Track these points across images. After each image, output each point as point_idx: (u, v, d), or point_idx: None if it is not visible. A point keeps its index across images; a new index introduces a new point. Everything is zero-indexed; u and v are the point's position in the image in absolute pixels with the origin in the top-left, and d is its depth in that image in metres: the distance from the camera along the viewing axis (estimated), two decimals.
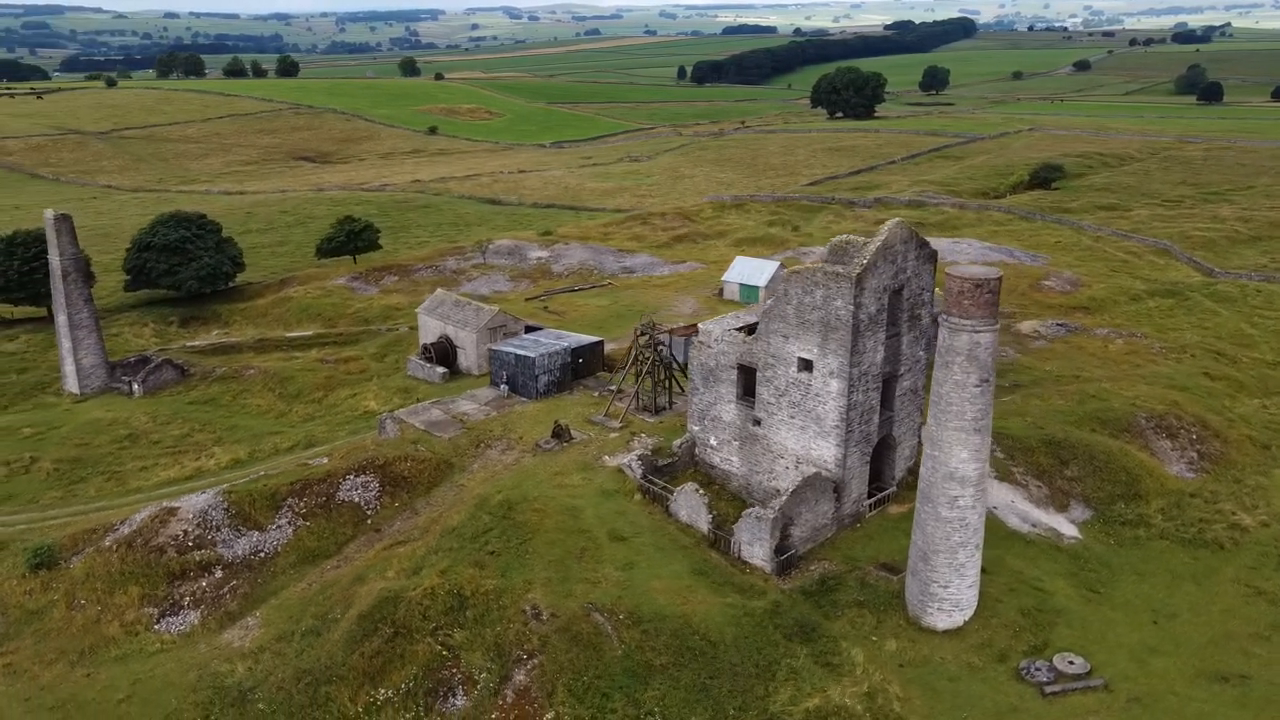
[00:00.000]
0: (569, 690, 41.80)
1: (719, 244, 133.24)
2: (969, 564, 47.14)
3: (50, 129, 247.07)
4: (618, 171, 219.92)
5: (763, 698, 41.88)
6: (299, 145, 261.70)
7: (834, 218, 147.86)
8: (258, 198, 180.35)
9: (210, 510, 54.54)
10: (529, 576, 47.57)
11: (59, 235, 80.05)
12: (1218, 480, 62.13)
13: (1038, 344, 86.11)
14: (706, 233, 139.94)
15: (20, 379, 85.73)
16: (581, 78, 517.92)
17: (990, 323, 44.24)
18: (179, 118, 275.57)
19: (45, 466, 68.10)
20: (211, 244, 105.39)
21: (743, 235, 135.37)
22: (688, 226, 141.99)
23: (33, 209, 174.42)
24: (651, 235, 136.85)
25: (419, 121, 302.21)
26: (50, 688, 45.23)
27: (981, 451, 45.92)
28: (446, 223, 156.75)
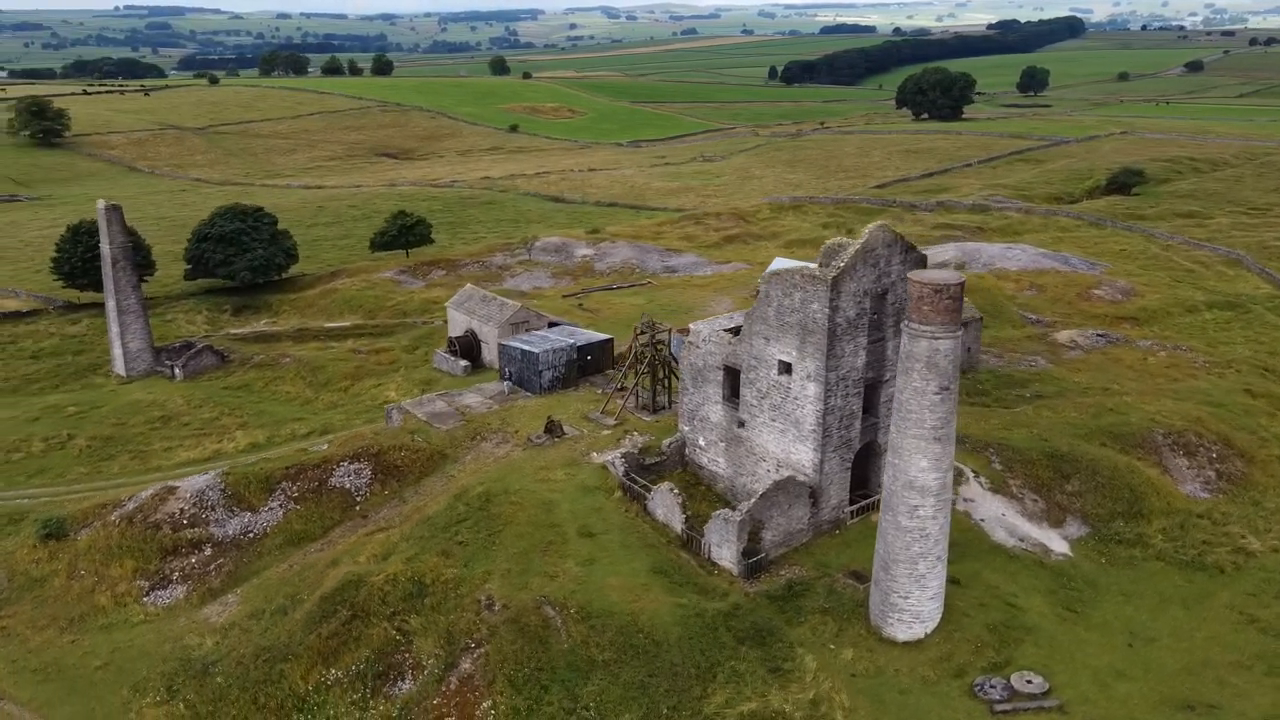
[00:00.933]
0: (509, 680, 42.47)
1: (770, 245, 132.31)
2: (930, 575, 46.18)
3: (152, 124, 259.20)
4: (688, 171, 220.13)
5: (699, 699, 41.86)
6: (383, 142, 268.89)
7: (892, 220, 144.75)
8: (333, 192, 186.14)
9: (208, 490, 56.96)
10: (490, 567, 48.42)
11: (109, 224, 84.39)
12: (1233, 501, 59.39)
13: (1072, 354, 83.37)
14: (760, 234, 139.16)
15: (75, 360, 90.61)
16: (670, 77, 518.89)
17: (951, 329, 43.29)
18: (272, 114, 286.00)
19: (80, 444, 71.88)
20: (266, 236, 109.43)
21: (795, 237, 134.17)
22: (741, 227, 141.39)
23: (127, 200, 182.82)
24: (703, 235, 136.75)
25: (501, 119, 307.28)
26: (37, 651, 47.97)
27: (942, 461, 44.94)
28: (507, 219, 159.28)
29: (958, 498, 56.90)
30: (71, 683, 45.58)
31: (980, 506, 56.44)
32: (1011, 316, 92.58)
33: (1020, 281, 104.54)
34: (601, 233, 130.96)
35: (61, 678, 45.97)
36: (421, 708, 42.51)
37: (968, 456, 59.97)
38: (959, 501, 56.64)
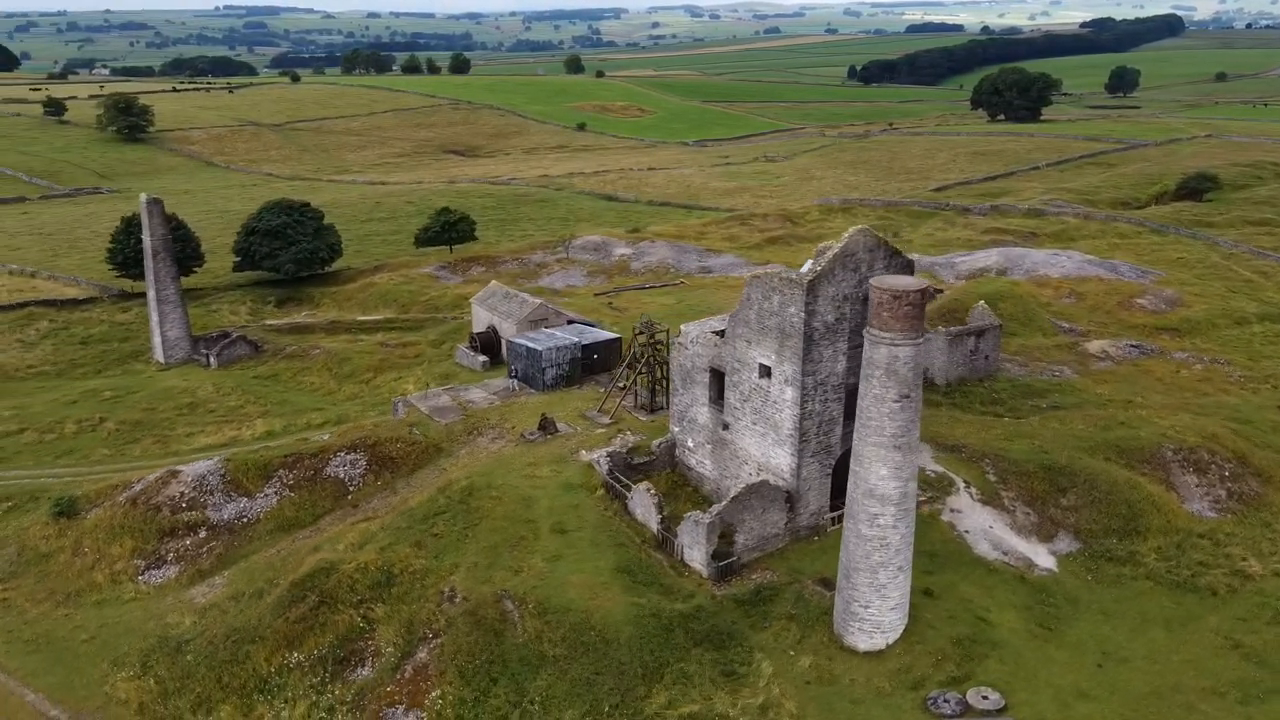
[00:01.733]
0: (459, 671, 43.31)
1: (813, 247, 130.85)
2: (891, 585, 45.58)
3: (232, 121, 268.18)
4: (748, 171, 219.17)
5: (642, 698, 42.12)
6: (451, 139, 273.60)
7: (943, 224, 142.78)
8: (394, 188, 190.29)
9: (209, 475, 59.16)
10: (458, 560, 49.36)
11: (150, 217, 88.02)
12: (1242, 522, 57.14)
13: (1101, 365, 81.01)
14: (805, 235, 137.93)
15: (120, 347, 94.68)
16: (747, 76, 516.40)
17: (911, 336, 42.68)
18: (347, 111, 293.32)
19: (110, 427, 75.18)
20: (310, 230, 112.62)
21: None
22: (787, 229, 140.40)
23: (199, 193, 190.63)
24: (746, 236, 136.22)
25: (570, 118, 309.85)
26: (32, 623, 50.53)
27: (903, 470, 44.32)
28: (557, 217, 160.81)
29: (944, 508, 56.02)
30: (58, 654, 47.90)
31: (967, 518, 55.39)
32: (1043, 324, 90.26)
33: (1060, 289, 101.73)
34: (641, 232, 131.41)
35: (50, 649, 48.34)
36: (375, 694, 43.63)
37: (962, 466, 58.96)
38: (945, 512, 55.73)
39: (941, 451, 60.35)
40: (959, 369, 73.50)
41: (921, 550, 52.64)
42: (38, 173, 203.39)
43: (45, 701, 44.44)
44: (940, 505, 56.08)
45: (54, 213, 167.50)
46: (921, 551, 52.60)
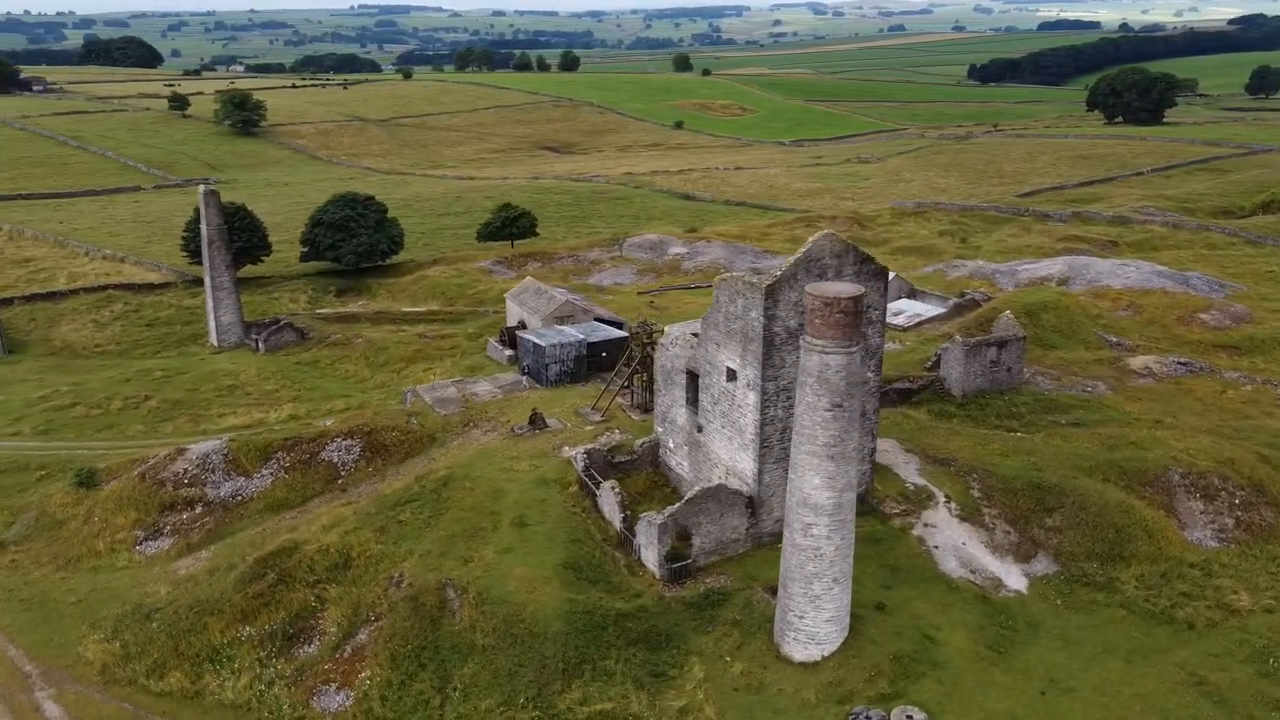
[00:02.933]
0: (391, 655, 44.74)
1: (875, 251, 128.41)
2: (826, 597, 44.90)
3: (340, 116, 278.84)
4: (836, 172, 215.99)
5: (557, 693, 42.68)
6: (548, 136, 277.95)
7: (1018, 231, 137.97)
8: (480, 183, 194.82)
9: (212, 454, 62.38)
10: (414, 547, 50.84)
11: (207, 208, 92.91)
12: (1244, 554, 53.91)
13: (1140, 382, 77.29)
14: (871, 239, 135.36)
15: (182, 330, 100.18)
16: (861, 75, 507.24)
17: (844, 344, 41.98)
18: (450, 108, 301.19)
19: (152, 405, 79.78)
20: (372, 223, 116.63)
21: (902, 244, 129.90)
22: (853, 232, 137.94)
23: (298, 185, 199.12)
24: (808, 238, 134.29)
25: (668, 116, 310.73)
26: (32, 584, 54.32)
27: (837, 480, 43.61)
28: (628, 215, 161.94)
29: (918, 522, 54.70)
30: (46, 614, 51.41)
31: (940, 533, 53.93)
32: (1088, 337, 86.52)
33: (1119, 301, 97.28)
34: (699, 231, 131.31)
35: (41, 609, 51.92)
36: (314, 671, 45.46)
37: (948, 480, 57.41)
38: (918, 526, 54.41)
39: (930, 464, 58.85)
40: (977, 380, 71.30)
41: (884, 564, 51.83)
42: (155, 163, 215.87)
43: (23, 657, 47.82)
44: (914, 519, 54.78)
45: (162, 202, 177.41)
46: (884, 565, 51.78)
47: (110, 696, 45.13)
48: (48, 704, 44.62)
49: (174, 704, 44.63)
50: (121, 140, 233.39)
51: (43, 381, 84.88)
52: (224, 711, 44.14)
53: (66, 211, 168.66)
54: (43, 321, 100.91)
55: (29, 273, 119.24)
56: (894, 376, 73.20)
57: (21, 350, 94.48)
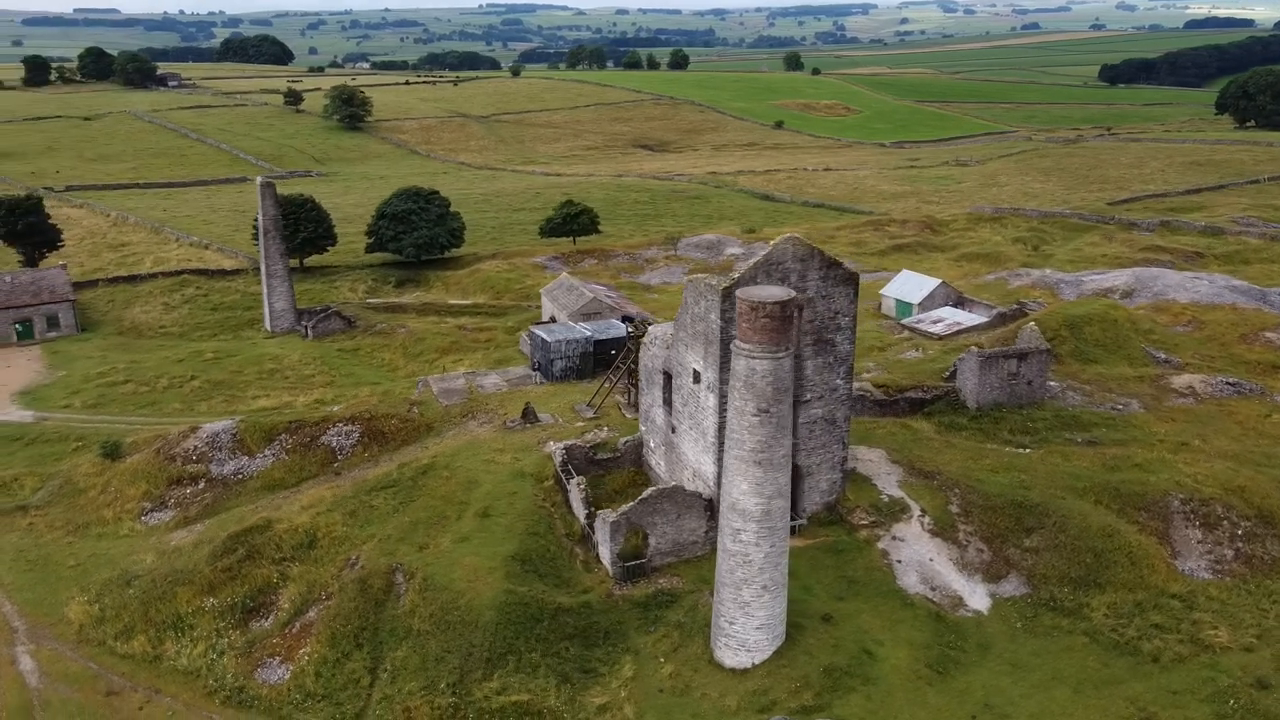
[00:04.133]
0: (332, 633, 46.44)
1: (940, 257, 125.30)
2: (756, 604, 44.44)
3: (443, 112, 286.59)
4: (929, 175, 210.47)
5: (477, 681, 43.55)
6: (644, 134, 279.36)
7: (1099, 240, 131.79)
8: (563, 179, 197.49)
9: (221, 433, 65.58)
10: (377, 531, 52.52)
11: (263, 199, 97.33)
12: (1237, 588, 50.77)
13: (1178, 401, 73.27)
14: (938, 245, 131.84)
15: (242, 315, 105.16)
16: (984, 75, 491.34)
17: (770, 349, 41.50)
18: (552, 105, 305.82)
19: (195, 385, 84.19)
20: (433, 217, 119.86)
21: (968, 250, 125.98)
22: (921, 237, 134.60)
23: (393, 178, 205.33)
24: (873, 241, 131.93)
25: (770, 116, 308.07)
26: (41, 546, 58.29)
27: (764, 486, 43.10)
28: (702, 214, 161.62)
29: (886, 534, 53.43)
30: (45, 575, 55.15)
31: (907, 547, 52.57)
32: (1134, 353, 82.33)
33: (1180, 315, 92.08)
34: (758, 232, 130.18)
35: (42, 569, 55.72)
36: (263, 644, 47.55)
37: (927, 493, 55.86)
38: (885, 539, 53.16)
39: (913, 476, 57.34)
40: (993, 393, 68.93)
41: (842, 575, 50.95)
42: (265, 156, 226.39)
43: (15, 613, 51.50)
44: (883, 531, 53.54)
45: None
46: (841, 576, 50.90)
47: (80, 655, 48.22)
48: (24, 658, 47.97)
49: (133, 666, 47.38)
50: (238, 133, 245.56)
51: (105, 359, 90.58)
52: (176, 676, 46.62)
53: (175, 200, 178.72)
54: (120, 302, 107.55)
55: (120, 257, 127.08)
56: (907, 385, 71.48)
57: (94, 329, 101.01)
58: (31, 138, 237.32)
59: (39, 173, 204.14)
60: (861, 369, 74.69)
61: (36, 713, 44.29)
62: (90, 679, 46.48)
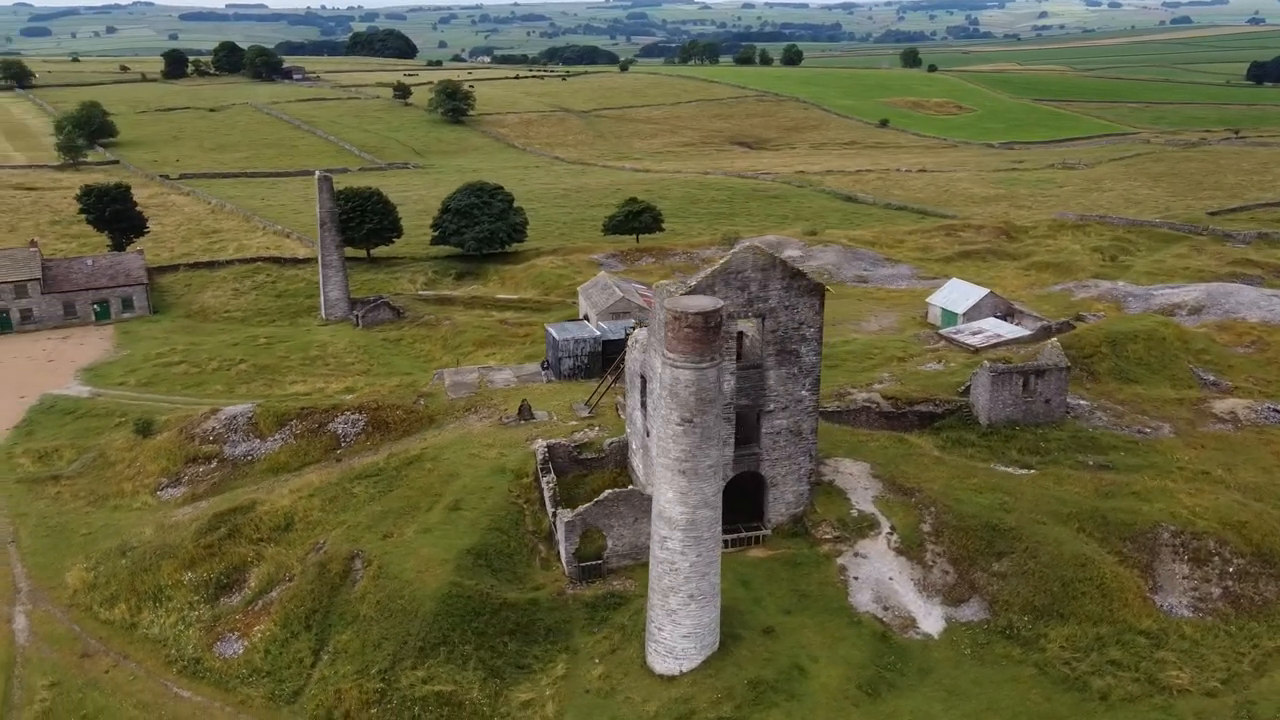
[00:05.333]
0: (286, 614, 48.67)
1: (1008, 265, 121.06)
2: (682, 612, 44.49)
3: (546, 107, 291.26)
4: (1030, 178, 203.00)
5: (406, 669, 44.95)
6: (742, 131, 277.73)
7: (1187, 251, 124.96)
8: (649, 176, 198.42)
9: (238, 416, 69.07)
10: (348, 518, 54.60)
11: (320, 192, 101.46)
12: (1218, 629, 48.12)
13: (1215, 427, 69.32)
14: (1010, 252, 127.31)
15: (303, 302, 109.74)
16: (1119, 73, 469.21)
17: (693, 360, 41.49)
18: (655, 100, 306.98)
19: (241, 368, 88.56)
20: (495, 212, 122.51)
21: (1040, 259, 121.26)
22: (993, 244, 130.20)
23: (485, 171, 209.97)
24: (943, 247, 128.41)
25: (876, 114, 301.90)
26: (63, 514, 62.63)
27: (689, 496, 43.09)
28: (777, 214, 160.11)
29: (849, 550, 52.56)
30: (58, 541, 59.29)
31: (868, 564, 51.61)
32: (1179, 373, 78.08)
33: (1244, 335, 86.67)
34: (819, 234, 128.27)
35: (58, 535, 59.92)
36: (227, 619, 50.19)
37: (901, 510, 54.71)
38: (847, 554, 52.33)
39: (891, 492, 56.16)
40: (1006, 410, 66.76)
41: (795, 589, 50.49)
42: (367, 148, 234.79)
43: (23, 575, 55.64)
44: (845, 547, 52.70)
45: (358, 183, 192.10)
46: (794, 590, 50.44)
47: (68, 618, 51.83)
48: (19, 617, 51.89)
49: (111, 631, 50.65)
50: (346, 125, 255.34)
51: (167, 340, 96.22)
52: (146, 644, 49.67)
53: (275, 189, 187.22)
54: (195, 287, 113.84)
55: (208, 242, 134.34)
56: (918, 398, 69.75)
57: (166, 311, 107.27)
58: (160, 127, 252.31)
59: (161, 161, 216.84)
60: (875, 379, 73.25)
61: (17, 669, 47.93)
62: (70, 641, 49.95)
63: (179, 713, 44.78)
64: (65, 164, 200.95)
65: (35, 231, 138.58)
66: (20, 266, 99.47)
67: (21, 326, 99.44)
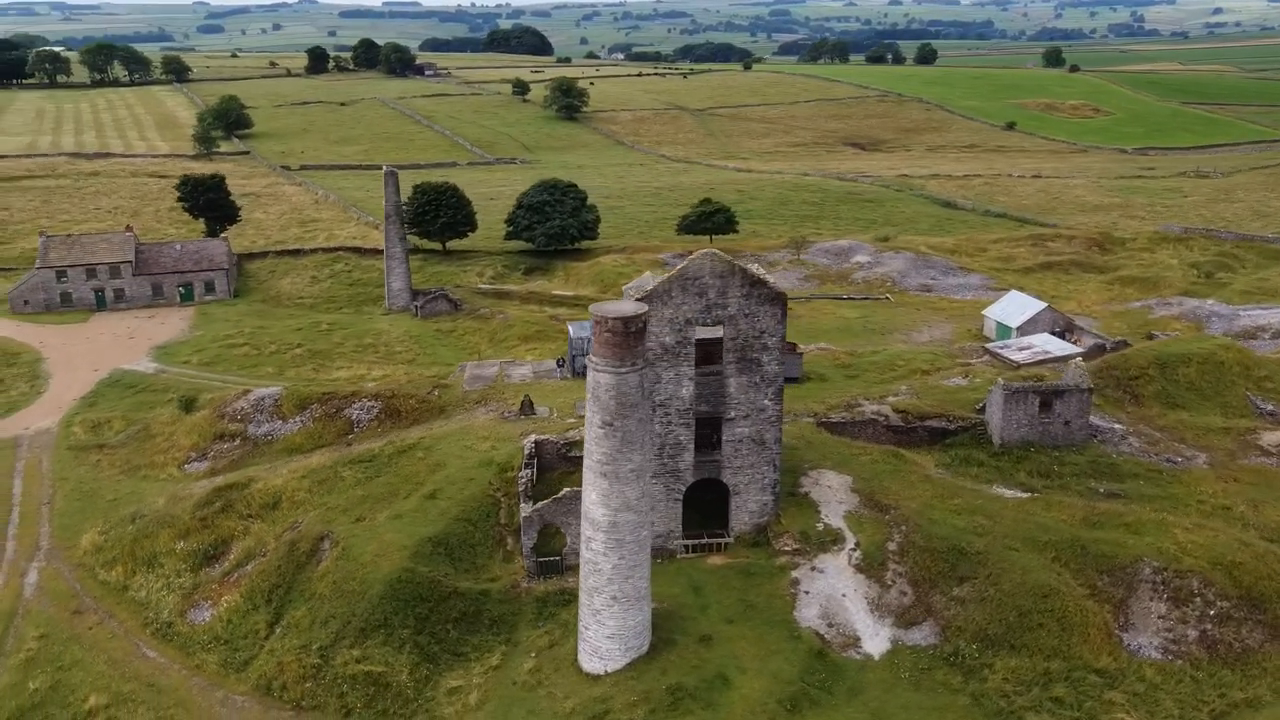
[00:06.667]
0: (251, 587, 51.43)
1: (1090, 279, 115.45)
2: (606, 613, 44.90)
3: (660, 104, 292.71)
4: (1155, 187, 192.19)
5: (344, 648, 46.85)
6: (857, 132, 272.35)
7: None
8: (748, 176, 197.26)
9: (266, 398, 72.91)
10: (330, 500, 57.11)
11: (386, 186, 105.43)
12: (1184, 675, 45.32)
13: (1257, 460, 64.93)
14: (1098, 265, 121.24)
15: (373, 291, 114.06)
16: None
17: (613, 364, 41.87)
18: (772, 99, 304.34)
19: (296, 352, 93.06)
20: (567, 209, 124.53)
21: (1128, 273, 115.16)
22: (1081, 255, 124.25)
23: (589, 169, 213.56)
24: (1024, 258, 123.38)
25: (1003, 115, 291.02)
26: (99, 480, 67.53)
27: (611, 498, 43.45)
28: (866, 218, 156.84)
29: (806, 563, 51.74)
30: (86, 504, 64.04)
31: (822, 579, 50.73)
32: (1234, 400, 73.07)
33: None
34: (891, 240, 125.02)
35: (87, 500, 64.73)
36: (204, 589, 53.36)
37: (871, 526, 53.58)
38: (803, 567, 51.59)
39: (866, 508, 54.96)
40: (1020, 430, 64.29)
41: (742, 598, 50.20)
42: (480, 143, 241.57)
43: (47, 535, 60.46)
44: (804, 560, 51.91)
45: (464, 177, 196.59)
46: (741, 599, 50.16)
47: (72, 577, 56.10)
48: (32, 573, 56.51)
49: (105, 592, 54.56)
50: (463, 121, 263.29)
51: (238, 323, 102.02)
52: (131, 605, 53.32)
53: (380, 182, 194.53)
54: (278, 273, 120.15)
55: (303, 231, 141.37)
56: (930, 413, 67.69)
57: (245, 295, 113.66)
58: (293, 120, 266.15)
59: (288, 152, 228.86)
60: (891, 391, 71.41)
61: (16, 619, 52.30)
62: (68, 597, 54.10)
63: (140, 671, 47.99)
64: (199, 154, 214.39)
65: (154, 217, 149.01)
66: (116, 249, 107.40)
67: (114, 305, 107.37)
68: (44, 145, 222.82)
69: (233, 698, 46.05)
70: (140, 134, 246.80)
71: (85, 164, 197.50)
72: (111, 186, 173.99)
